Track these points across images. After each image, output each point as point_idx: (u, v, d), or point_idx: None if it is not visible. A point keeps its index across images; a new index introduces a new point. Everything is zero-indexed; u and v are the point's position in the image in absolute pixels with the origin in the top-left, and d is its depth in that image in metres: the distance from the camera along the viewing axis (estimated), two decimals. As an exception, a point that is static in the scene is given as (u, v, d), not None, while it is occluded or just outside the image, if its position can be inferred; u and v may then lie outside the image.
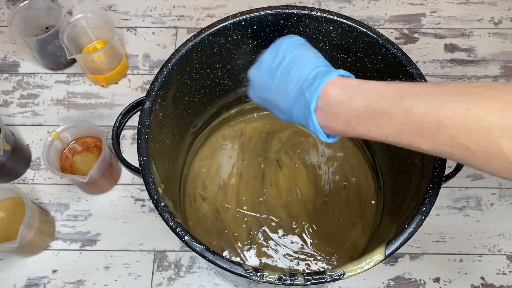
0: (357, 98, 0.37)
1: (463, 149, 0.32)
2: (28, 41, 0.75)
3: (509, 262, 0.68)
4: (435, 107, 0.33)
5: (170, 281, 0.67)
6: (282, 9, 0.55)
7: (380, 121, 0.36)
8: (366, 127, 0.37)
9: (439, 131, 0.32)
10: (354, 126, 0.38)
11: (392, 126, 0.35)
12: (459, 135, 0.31)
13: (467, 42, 0.84)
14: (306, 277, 0.41)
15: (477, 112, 0.31)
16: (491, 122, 0.30)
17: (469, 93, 0.32)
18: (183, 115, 0.60)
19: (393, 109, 0.35)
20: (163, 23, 0.86)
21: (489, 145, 0.30)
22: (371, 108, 0.36)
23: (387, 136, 0.36)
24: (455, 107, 0.32)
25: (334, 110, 0.39)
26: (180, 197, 0.65)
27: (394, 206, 0.58)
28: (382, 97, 0.36)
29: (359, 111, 0.37)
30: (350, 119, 0.38)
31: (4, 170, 0.71)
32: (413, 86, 0.36)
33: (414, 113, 0.34)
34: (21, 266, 0.68)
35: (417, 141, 0.34)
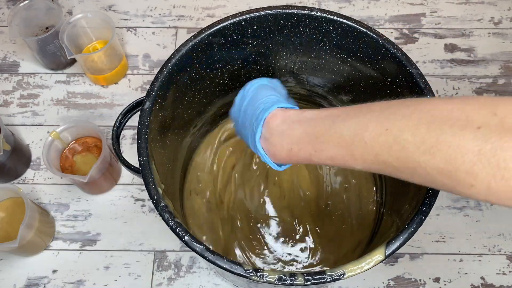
0: (296, 126, 0.41)
1: (388, 166, 0.35)
2: (28, 41, 0.75)
3: (509, 262, 0.68)
4: (360, 129, 0.36)
5: (170, 281, 0.67)
6: (282, 9, 0.55)
7: (317, 146, 0.39)
8: (307, 152, 0.40)
9: (367, 151, 0.35)
10: (296, 152, 0.41)
11: (328, 149, 0.38)
12: (382, 153, 0.34)
13: (467, 42, 0.84)
14: (306, 277, 0.41)
15: (394, 131, 0.34)
16: (405, 139, 0.33)
17: (386, 113, 0.35)
18: (183, 115, 0.60)
19: (326, 134, 0.38)
20: (163, 23, 0.86)
21: (407, 160, 0.33)
22: (309, 134, 0.40)
23: (325, 159, 0.39)
24: (375, 128, 0.35)
25: (277, 139, 0.42)
26: (180, 197, 0.65)
27: (394, 206, 0.58)
28: (317, 123, 0.40)
29: (299, 138, 0.40)
30: (292, 146, 0.41)
31: (4, 170, 0.71)
32: (342, 111, 0.39)
33: (344, 136, 0.37)
34: (21, 266, 0.68)
35: (351, 162, 0.37)
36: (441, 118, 0.32)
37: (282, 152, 0.42)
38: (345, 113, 0.39)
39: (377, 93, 0.58)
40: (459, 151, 0.30)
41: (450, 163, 0.30)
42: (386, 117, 0.35)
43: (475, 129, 0.30)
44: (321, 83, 0.65)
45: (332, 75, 0.62)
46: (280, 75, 0.65)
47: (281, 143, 0.42)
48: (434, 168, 0.31)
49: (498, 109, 0.30)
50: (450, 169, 0.31)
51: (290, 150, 0.41)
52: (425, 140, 0.32)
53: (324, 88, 0.65)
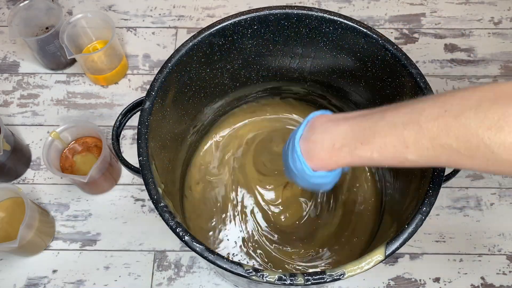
0: (342, 122, 0.39)
1: (447, 149, 0.33)
2: (28, 41, 0.75)
3: (509, 262, 0.68)
4: (414, 115, 0.34)
5: (170, 281, 0.67)
6: (282, 9, 0.55)
7: (364, 138, 0.37)
8: (351, 146, 0.38)
9: (422, 136, 0.34)
10: (339, 148, 0.39)
11: (376, 140, 0.36)
12: (440, 135, 0.33)
13: (467, 42, 0.84)
14: (306, 277, 0.41)
15: (454, 111, 0.32)
16: (467, 117, 0.31)
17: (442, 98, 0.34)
18: (183, 115, 0.60)
19: (375, 124, 0.37)
20: (163, 23, 0.86)
21: (470, 138, 0.31)
22: (355, 128, 0.38)
23: (372, 152, 0.37)
24: (432, 111, 0.33)
25: (320, 136, 0.40)
26: (180, 197, 0.65)
27: (394, 206, 0.58)
28: (365, 117, 0.38)
29: (344, 133, 0.39)
30: (335, 142, 0.39)
31: (4, 170, 0.71)
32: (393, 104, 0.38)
33: (395, 124, 0.35)
34: (21, 266, 0.68)
35: (402, 152, 0.35)
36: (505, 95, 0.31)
37: (322, 150, 0.40)
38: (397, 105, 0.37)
39: (377, 93, 0.59)
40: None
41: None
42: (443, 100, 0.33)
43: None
44: (321, 83, 0.65)
45: (332, 74, 0.62)
46: (280, 75, 0.65)
47: (323, 140, 0.40)
48: (501, 143, 0.30)
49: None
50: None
51: (332, 147, 0.39)
52: (490, 115, 0.30)
53: (324, 88, 0.65)
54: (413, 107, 0.35)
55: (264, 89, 0.68)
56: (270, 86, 0.68)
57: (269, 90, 0.68)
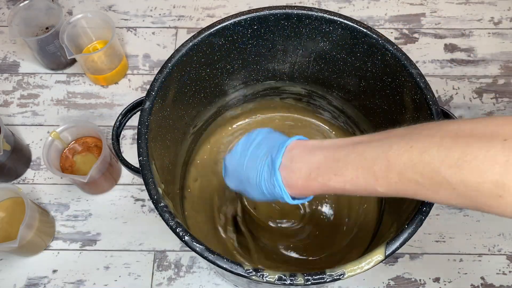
0: (317, 152, 0.41)
1: (413, 183, 0.35)
2: (28, 41, 0.75)
3: (509, 262, 0.68)
4: (383, 149, 0.36)
5: (170, 281, 0.67)
6: (282, 9, 0.55)
7: (337, 169, 0.39)
8: (326, 177, 0.40)
9: (390, 171, 0.35)
10: (315, 177, 0.40)
11: (348, 172, 0.38)
12: (407, 170, 0.34)
13: (467, 42, 0.84)
14: (306, 277, 0.41)
15: (418, 148, 0.34)
16: (430, 154, 0.33)
17: (410, 134, 0.36)
18: (183, 115, 0.60)
19: (348, 156, 0.38)
20: (163, 23, 0.86)
21: (433, 175, 0.33)
22: (329, 158, 0.40)
23: (344, 184, 0.39)
24: (399, 147, 0.35)
25: (297, 165, 0.42)
26: (180, 197, 0.65)
27: (394, 206, 0.58)
28: (338, 148, 0.40)
29: (319, 163, 0.40)
30: (311, 171, 0.41)
31: (4, 170, 0.71)
32: (364, 137, 0.40)
33: (366, 158, 0.37)
34: (21, 266, 0.68)
35: (372, 184, 0.37)
36: (465, 134, 0.32)
37: (300, 179, 0.41)
38: (368, 138, 0.39)
39: (377, 93, 0.59)
40: (487, 161, 0.30)
41: (478, 175, 0.30)
42: (410, 137, 0.35)
43: (501, 141, 0.30)
44: (321, 83, 0.65)
45: (332, 75, 0.62)
46: (280, 75, 0.65)
47: (300, 169, 0.41)
48: (461, 181, 0.31)
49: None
50: (478, 181, 0.31)
51: (309, 176, 0.41)
52: (451, 153, 0.32)
53: (324, 88, 0.65)
54: (382, 142, 0.37)
55: (264, 89, 0.68)
56: (270, 86, 0.68)
57: (269, 90, 0.68)
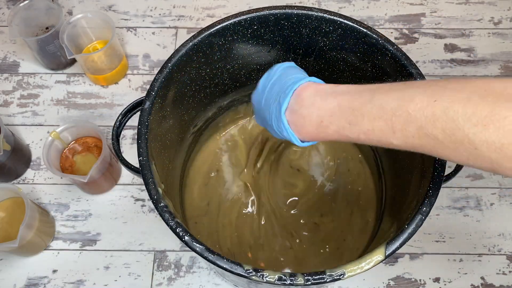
0: (330, 98, 0.39)
1: (432, 139, 0.33)
2: (28, 41, 0.75)
3: (509, 262, 0.68)
4: (404, 101, 0.34)
5: (170, 281, 0.67)
6: (282, 9, 0.55)
7: (352, 118, 0.37)
8: (339, 125, 0.38)
9: (409, 123, 0.34)
10: (327, 125, 0.39)
11: (364, 123, 0.36)
12: (427, 125, 0.33)
13: (467, 42, 0.84)
14: (306, 277, 0.41)
15: (443, 103, 0.32)
16: (455, 110, 0.31)
17: (434, 87, 0.34)
18: (183, 115, 0.60)
19: (364, 106, 0.36)
20: (163, 23, 0.86)
21: (455, 132, 0.31)
22: (344, 106, 0.38)
23: (359, 134, 0.37)
24: (422, 99, 0.33)
25: (307, 110, 0.40)
26: (180, 197, 0.65)
27: (394, 206, 0.58)
28: (354, 96, 0.38)
29: (332, 110, 0.38)
30: (323, 119, 0.39)
31: (4, 170, 0.71)
32: (382, 85, 0.37)
33: (384, 108, 0.35)
34: (21, 266, 0.68)
35: (388, 136, 0.35)
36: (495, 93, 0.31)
37: (310, 125, 0.39)
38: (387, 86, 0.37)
39: (377, 93, 0.58)
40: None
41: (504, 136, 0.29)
42: (435, 89, 0.33)
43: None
44: (321, 83, 0.65)
45: (332, 75, 0.62)
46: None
47: (311, 115, 0.39)
48: (485, 141, 0.30)
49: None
50: (503, 142, 0.30)
51: (320, 123, 0.39)
52: (478, 111, 0.30)
53: (324, 88, 0.65)
54: (403, 92, 0.35)
55: (264, 89, 0.68)
56: (270, 86, 0.67)
57: (269, 90, 0.68)
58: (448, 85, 0.33)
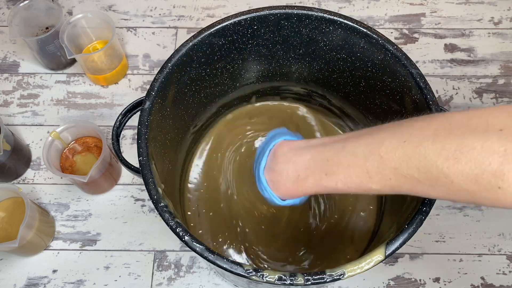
0: (304, 152, 0.40)
1: (409, 179, 0.34)
2: (28, 41, 0.75)
3: (509, 262, 0.68)
4: (375, 145, 0.35)
5: (170, 281, 0.67)
6: (282, 9, 0.55)
7: (328, 168, 0.38)
8: (316, 177, 0.39)
9: (383, 167, 0.34)
10: (304, 178, 0.39)
11: (340, 171, 0.37)
12: (401, 165, 0.33)
13: (467, 42, 0.84)
14: (306, 277, 0.41)
15: (413, 141, 0.33)
16: (425, 147, 0.32)
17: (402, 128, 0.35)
18: (183, 115, 0.60)
19: (337, 155, 0.37)
20: (163, 23, 0.86)
21: (430, 168, 0.32)
22: (318, 158, 0.39)
23: (336, 183, 0.38)
24: (392, 141, 0.34)
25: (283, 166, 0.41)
26: (180, 197, 0.65)
27: (394, 206, 0.58)
28: (327, 146, 0.39)
29: (307, 163, 0.39)
30: (299, 173, 0.40)
31: (4, 170, 0.71)
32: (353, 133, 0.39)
33: (357, 155, 0.36)
34: (21, 266, 0.68)
35: (366, 182, 0.36)
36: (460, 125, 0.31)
37: (288, 181, 0.40)
38: (356, 134, 0.38)
39: (377, 93, 0.59)
40: (484, 152, 0.29)
41: (476, 166, 0.30)
42: (402, 130, 0.34)
43: (497, 131, 0.29)
44: (321, 83, 0.65)
45: (332, 74, 0.62)
46: (280, 75, 0.65)
47: (287, 170, 0.40)
48: (459, 173, 0.31)
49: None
50: (476, 173, 0.30)
51: (297, 177, 0.40)
52: (447, 146, 0.31)
53: (324, 88, 0.65)
54: (373, 137, 0.36)
55: (264, 89, 0.68)
56: (270, 86, 0.68)
57: (269, 90, 0.68)
58: (414, 124, 0.34)
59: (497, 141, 0.29)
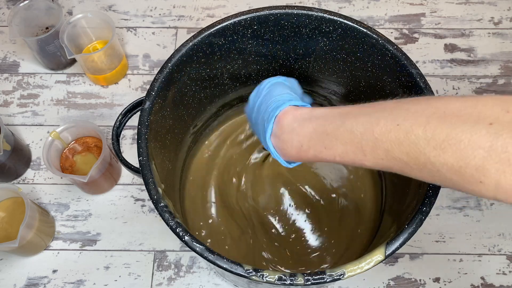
0: (307, 124, 0.42)
1: (398, 162, 0.35)
2: (28, 41, 0.75)
3: (509, 262, 0.68)
4: (371, 125, 0.36)
5: (170, 281, 0.67)
6: (282, 9, 0.55)
7: (327, 142, 0.39)
8: (317, 149, 0.41)
9: (377, 147, 0.36)
10: (306, 149, 0.41)
11: (338, 146, 0.39)
12: (393, 148, 0.35)
13: (467, 42, 0.84)
14: (306, 277, 0.41)
15: (405, 127, 0.34)
16: (416, 134, 0.33)
17: (398, 110, 0.35)
18: (183, 115, 0.60)
19: (336, 130, 0.39)
20: (163, 23, 0.86)
21: (418, 155, 0.33)
22: (319, 131, 0.40)
23: (335, 156, 0.39)
24: (386, 124, 0.35)
25: (288, 136, 0.43)
26: (180, 197, 0.65)
27: (394, 206, 0.58)
28: (327, 120, 0.40)
29: (309, 135, 0.41)
30: (302, 143, 0.41)
31: (4, 170, 0.71)
32: (353, 108, 0.40)
33: (354, 132, 0.37)
34: (21, 266, 0.68)
35: (360, 159, 0.38)
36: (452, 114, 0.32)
37: (292, 150, 0.43)
38: (357, 110, 0.39)
39: (377, 93, 0.59)
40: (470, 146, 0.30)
41: (461, 158, 0.30)
42: (398, 113, 0.35)
43: (487, 125, 0.30)
44: (321, 83, 0.65)
45: (332, 74, 0.62)
46: (279, 75, 0.65)
47: (291, 141, 0.42)
48: (444, 163, 0.31)
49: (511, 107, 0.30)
50: (460, 165, 0.30)
51: (300, 148, 0.42)
52: (436, 135, 0.32)
53: (324, 88, 0.65)
54: (370, 116, 0.37)
55: (264, 89, 0.68)
56: (270, 86, 0.67)
57: (269, 90, 0.68)
58: (411, 107, 0.35)
59: (484, 135, 0.29)
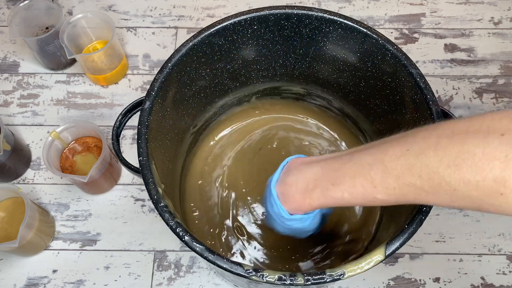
0: (314, 164, 0.42)
1: (412, 188, 0.34)
2: (28, 41, 0.75)
3: (509, 262, 0.68)
4: (380, 154, 0.36)
5: (170, 281, 0.67)
6: (282, 9, 0.55)
7: (335, 179, 0.39)
8: (323, 187, 0.40)
9: (387, 175, 0.35)
10: (312, 189, 0.41)
11: (346, 181, 0.38)
12: (404, 174, 0.34)
13: (467, 42, 0.84)
14: (306, 277, 0.41)
15: (415, 150, 0.34)
16: (427, 155, 0.33)
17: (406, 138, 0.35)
18: (183, 115, 0.60)
19: (344, 165, 0.39)
20: (163, 23, 0.86)
21: (432, 176, 0.32)
22: (326, 169, 0.40)
23: (343, 193, 0.39)
24: (395, 151, 0.35)
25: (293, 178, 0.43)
26: (180, 196, 0.65)
27: (394, 206, 0.58)
28: (335, 158, 0.40)
29: (316, 174, 0.41)
30: (308, 183, 0.41)
31: (4, 170, 0.71)
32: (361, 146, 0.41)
33: (363, 164, 0.37)
34: (21, 266, 0.68)
35: (370, 192, 0.37)
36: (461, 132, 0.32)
37: (297, 192, 0.42)
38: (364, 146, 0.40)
39: (377, 93, 0.59)
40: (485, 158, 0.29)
41: (477, 172, 0.30)
42: (406, 140, 0.35)
43: (499, 136, 0.29)
44: (321, 83, 0.65)
45: (332, 75, 0.62)
46: (280, 75, 0.65)
47: (297, 182, 0.42)
48: (460, 180, 0.31)
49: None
50: (478, 179, 0.30)
51: (306, 188, 0.41)
52: (448, 153, 0.31)
53: (324, 88, 0.65)
54: (378, 147, 0.37)
55: (264, 89, 0.68)
56: (270, 86, 0.68)
57: (269, 90, 0.68)
58: (418, 134, 0.35)
59: (498, 146, 0.29)
